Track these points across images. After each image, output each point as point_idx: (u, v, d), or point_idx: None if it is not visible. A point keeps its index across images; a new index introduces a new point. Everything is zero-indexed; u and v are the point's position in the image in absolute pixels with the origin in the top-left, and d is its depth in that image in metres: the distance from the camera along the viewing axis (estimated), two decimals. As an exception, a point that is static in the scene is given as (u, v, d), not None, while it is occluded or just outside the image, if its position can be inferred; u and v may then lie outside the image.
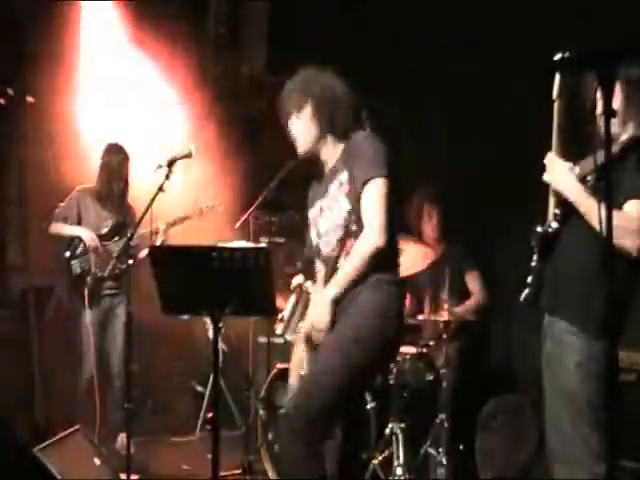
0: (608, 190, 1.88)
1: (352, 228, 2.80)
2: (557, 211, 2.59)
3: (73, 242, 4.81)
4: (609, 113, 1.82)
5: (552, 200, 2.61)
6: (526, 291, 2.70)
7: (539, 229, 2.63)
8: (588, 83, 2.45)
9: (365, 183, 2.75)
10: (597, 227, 2.34)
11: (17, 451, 3.31)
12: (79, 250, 4.78)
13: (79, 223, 4.83)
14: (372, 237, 2.72)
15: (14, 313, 5.90)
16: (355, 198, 2.79)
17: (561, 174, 2.55)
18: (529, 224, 2.79)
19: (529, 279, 2.69)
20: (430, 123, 5.04)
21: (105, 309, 4.80)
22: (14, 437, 3.41)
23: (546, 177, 2.60)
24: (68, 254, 4.81)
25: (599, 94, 1.83)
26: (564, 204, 2.56)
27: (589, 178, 2.48)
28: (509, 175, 4.48)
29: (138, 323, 3.79)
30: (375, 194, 2.74)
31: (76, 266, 4.77)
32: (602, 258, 1.97)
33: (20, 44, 5.70)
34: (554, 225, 2.59)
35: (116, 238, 4.78)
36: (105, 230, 4.80)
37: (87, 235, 4.75)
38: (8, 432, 3.41)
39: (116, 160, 4.83)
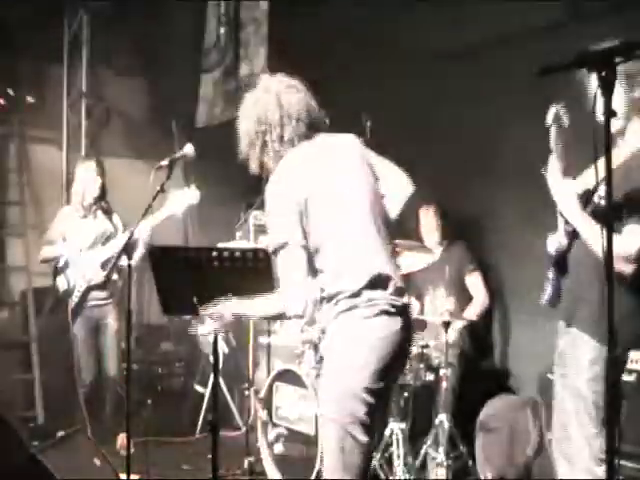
0: (609, 197, 1.87)
1: None
2: (567, 228, 2.65)
3: (58, 260, 4.85)
4: (609, 114, 1.82)
5: (561, 217, 2.66)
6: (545, 297, 2.77)
7: (551, 249, 2.70)
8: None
9: (271, 251, 2.54)
10: (592, 248, 2.47)
11: (17, 451, 3.31)
12: (64, 264, 4.83)
13: (65, 240, 4.87)
14: (281, 303, 2.49)
15: (14, 313, 5.91)
16: None
17: (561, 195, 2.61)
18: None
19: (546, 286, 2.76)
20: (430, 123, 5.03)
21: (94, 319, 4.82)
22: (14, 437, 3.41)
23: (552, 193, 2.65)
24: (54, 269, 4.87)
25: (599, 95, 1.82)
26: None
27: (600, 193, 2.51)
28: (509, 175, 4.49)
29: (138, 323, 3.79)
30: (279, 265, 2.50)
31: (62, 282, 4.80)
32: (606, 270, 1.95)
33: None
34: (564, 242, 2.66)
35: (99, 246, 4.81)
36: (89, 242, 4.82)
37: (67, 251, 4.81)
38: (8, 432, 3.41)
39: (85, 171, 4.86)
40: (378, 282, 2.48)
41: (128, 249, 3.66)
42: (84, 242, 4.83)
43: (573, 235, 2.64)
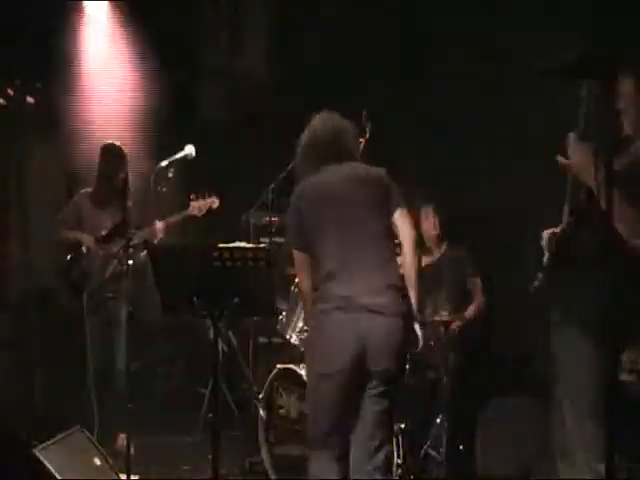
0: (609, 191, 1.88)
1: None
2: (570, 220, 2.62)
3: (73, 246, 4.82)
4: (610, 113, 1.82)
5: (566, 209, 2.63)
6: (535, 283, 2.76)
7: (548, 234, 2.66)
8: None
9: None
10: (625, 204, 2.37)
11: (17, 451, 3.31)
12: (79, 254, 4.79)
13: (80, 227, 4.84)
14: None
15: (15, 314, 5.91)
16: None
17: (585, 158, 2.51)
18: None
19: (539, 275, 2.75)
20: (430, 124, 5.03)
21: (107, 312, 4.79)
22: (14, 437, 3.41)
23: (573, 161, 2.56)
24: (69, 258, 4.82)
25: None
26: (577, 212, 2.58)
27: None
28: (510, 176, 4.49)
29: (139, 323, 3.79)
30: None
31: (76, 270, 4.77)
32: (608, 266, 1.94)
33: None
34: (568, 231, 2.63)
35: (116, 239, 4.78)
36: (104, 232, 4.80)
37: (86, 239, 4.77)
38: (8, 432, 3.42)
39: (111, 161, 4.83)
40: (333, 281, 2.84)
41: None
42: (99, 232, 4.79)
43: (576, 229, 2.60)
